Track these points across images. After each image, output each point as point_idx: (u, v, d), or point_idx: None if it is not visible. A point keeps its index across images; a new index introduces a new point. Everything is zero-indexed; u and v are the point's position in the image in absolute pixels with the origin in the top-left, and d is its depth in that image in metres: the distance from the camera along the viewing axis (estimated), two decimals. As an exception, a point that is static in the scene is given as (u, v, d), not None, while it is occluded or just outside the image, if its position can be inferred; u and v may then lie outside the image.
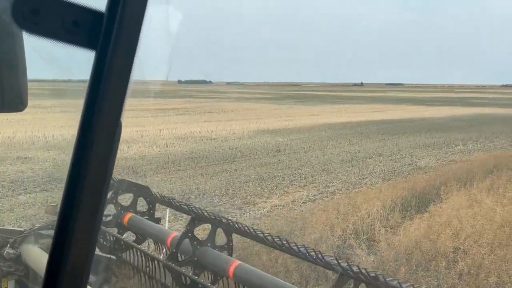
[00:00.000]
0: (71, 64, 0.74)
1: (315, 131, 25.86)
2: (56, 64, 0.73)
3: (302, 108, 47.70)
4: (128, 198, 5.18)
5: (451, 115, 40.73)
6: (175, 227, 7.36)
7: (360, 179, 13.40)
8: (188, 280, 3.65)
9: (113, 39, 0.64)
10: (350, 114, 39.85)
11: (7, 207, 9.66)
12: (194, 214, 4.09)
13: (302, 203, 10.65)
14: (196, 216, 4.07)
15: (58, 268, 0.67)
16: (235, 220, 4.19)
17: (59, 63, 0.73)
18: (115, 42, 0.64)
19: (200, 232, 4.58)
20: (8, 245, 4.33)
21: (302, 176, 13.55)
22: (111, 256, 4.46)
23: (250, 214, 9.70)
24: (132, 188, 4.92)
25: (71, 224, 0.67)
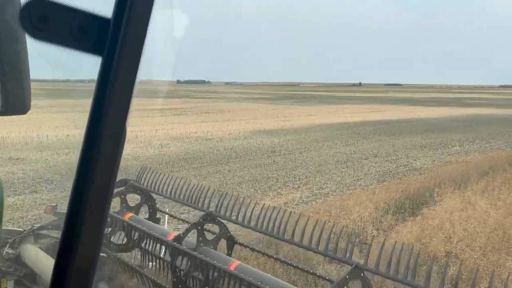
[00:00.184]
0: (71, 64, 0.75)
1: (311, 131, 25.75)
2: (56, 64, 0.74)
3: (299, 108, 47.62)
4: (129, 199, 5.17)
5: (448, 115, 40.69)
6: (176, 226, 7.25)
7: (354, 180, 13.29)
8: (188, 280, 3.68)
9: (119, 45, 0.66)
10: (347, 114, 39.77)
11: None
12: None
13: (294, 205, 10.52)
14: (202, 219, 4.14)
15: (66, 266, 0.69)
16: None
17: (59, 64, 0.74)
18: (121, 48, 0.66)
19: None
20: (8, 245, 4.33)
21: (296, 177, 13.43)
22: (111, 255, 4.46)
23: (241, 216, 9.56)
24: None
25: (79, 224, 0.69)
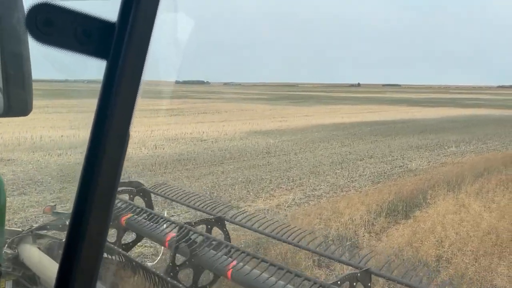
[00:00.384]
0: (71, 64, 0.75)
1: (307, 132, 25.63)
2: (60, 66, 0.74)
3: (296, 109, 47.50)
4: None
5: (445, 116, 40.60)
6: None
7: (348, 182, 13.16)
8: (187, 280, 3.71)
9: (123, 48, 0.66)
10: (344, 115, 39.65)
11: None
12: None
13: (287, 207, 10.39)
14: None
15: (71, 266, 0.69)
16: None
17: (63, 66, 0.74)
18: (126, 51, 0.66)
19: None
20: (6, 245, 4.26)
21: (290, 179, 13.30)
22: (110, 257, 4.41)
23: (233, 219, 9.44)
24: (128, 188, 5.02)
25: (84, 224, 0.69)
